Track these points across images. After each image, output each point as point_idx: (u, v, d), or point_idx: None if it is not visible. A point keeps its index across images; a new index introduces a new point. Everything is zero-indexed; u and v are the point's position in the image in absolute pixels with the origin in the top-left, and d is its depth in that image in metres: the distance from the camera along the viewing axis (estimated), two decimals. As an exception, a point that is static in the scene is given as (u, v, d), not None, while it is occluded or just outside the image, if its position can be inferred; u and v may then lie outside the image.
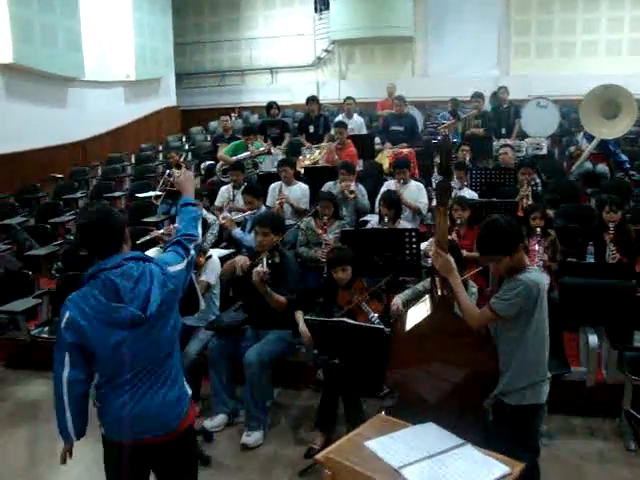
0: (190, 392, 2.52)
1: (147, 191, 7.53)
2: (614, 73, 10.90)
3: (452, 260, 2.84)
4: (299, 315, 4.05)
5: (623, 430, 3.92)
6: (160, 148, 11.28)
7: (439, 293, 2.97)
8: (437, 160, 6.63)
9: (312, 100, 8.85)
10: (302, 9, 14.29)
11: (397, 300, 4.01)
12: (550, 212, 5.39)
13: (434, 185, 6.23)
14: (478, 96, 8.60)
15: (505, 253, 2.70)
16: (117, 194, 8.20)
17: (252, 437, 3.88)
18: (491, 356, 2.83)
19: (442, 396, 2.88)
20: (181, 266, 2.44)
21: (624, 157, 7.50)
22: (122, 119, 11.78)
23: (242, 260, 4.11)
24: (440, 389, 2.89)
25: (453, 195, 5.73)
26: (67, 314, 2.27)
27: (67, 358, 2.29)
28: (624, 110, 6.97)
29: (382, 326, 3.51)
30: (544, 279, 2.77)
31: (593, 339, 3.84)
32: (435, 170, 6.19)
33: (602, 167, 7.31)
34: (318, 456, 2.42)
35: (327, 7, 13.80)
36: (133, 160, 10.63)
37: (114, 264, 2.28)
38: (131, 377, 2.33)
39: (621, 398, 3.93)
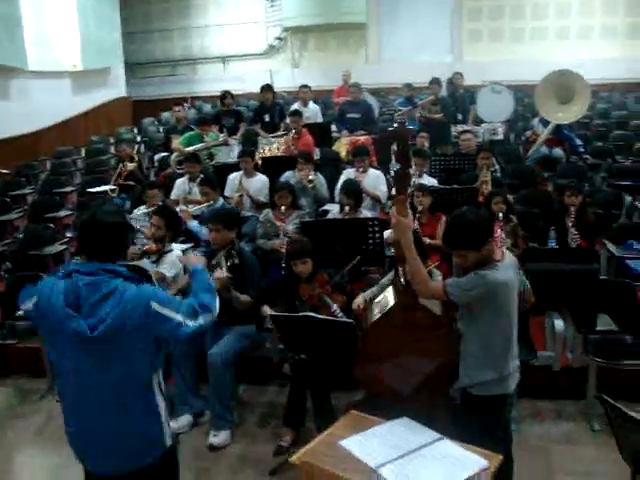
0: (168, 442, 2.31)
1: (100, 185, 7.28)
2: (563, 58, 11.07)
3: (409, 222, 2.75)
4: (266, 309, 3.93)
5: (588, 411, 3.98)
6: (111, 141, 10.90)
7: (402, 282, 2.91)
8: (394, 147, 6.56)
9: (266, 88, 8.72)
10: (254, -4, 14.03)
11: (359, 299, 3.79)
12: (510, 197, 5.41)
13: (392, 174, 6.18)
14: (435, 82, 8.58)
15: (472, 248, 2.63)
16: (68, 189, 7.89)
17: (219, 437, 3.77)
18: (455, 346, 2.81)
19: (413, 388, 2.85)
20: (177, 319, 2.20)
21: (578, 141, 7.61)
22: (70, 111, 11.32)
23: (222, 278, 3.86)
24: (411, 381, 2.85)
25: (412, 183, 5.70)
26: (34, 299, 2.21)
27: None
28: (578, 95, 7.06)
29: (349, 319, 3.43)
30: (511, 275, 2.71)
31: (559, 324, 3.87)
32: (393, 158, 6.14)
33: (558, 151, 7.39)
34: (292, 459, 2.33)
35: (279, -6, 13.61)
36: (83, 153, 10.26)
37: (89, 270, 2.16)
38: (74, 393, 2.21)
39: (585, 381, 3.98)
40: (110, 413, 2.16)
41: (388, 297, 3.07)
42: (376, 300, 3.20)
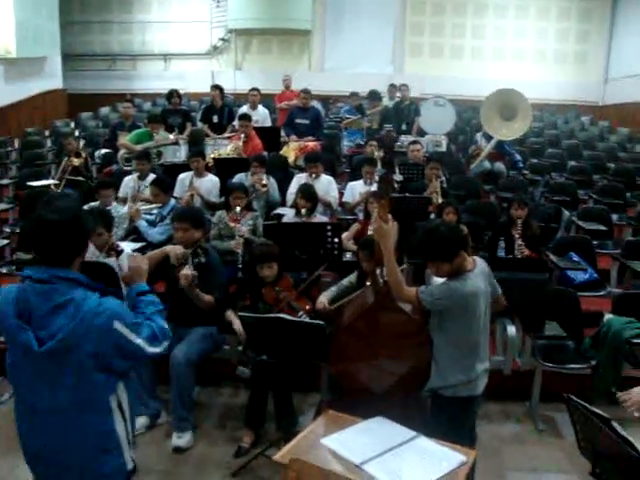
0: (128, 466, 2.13)
1: (39, 179, 7.00)
2: (499, 77, 11.61)
3: (391, 228, 2.85)
4: (231, 314, 3.93)
5: (534, 413, 4.22)
6: (47, 133, 10.49)
7: (381, 282, 3.01)
8: (380, 154, 6.80)
9: (216, 89, 8.66)
10: (199, -5, 13.85)
11: (322, 298, 3.89)
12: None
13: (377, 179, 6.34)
14: (376, 98, 8.85)
15: (445, 259, 2.79)
16: (5, 181, 7.53)
17: (183, 438, 3.75)
18: (429, 352, 2.94)
19: (386, 388, 2.95)
20: (137, 342, 2.03)
21: (518, 157, 8.01)
22: (1, 100, 10.79)
23: (177, 248, 3.85)
24: (385, 381, 2.95)
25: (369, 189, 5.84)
26: None
27: None
28: (520, 113, 7.45)
29: (320, 321, 3.48)
30: (480, 284, 2.86)
31: (512, 329, 4.08)
32: (379, 164, 6.41)
33: (499, 165, 7.76)
34: (277, 457, 2.37)
35: (225, -5, 13.51)
36: (17, 145, 9.81)
37: (41, 277, 1.95)
38: (25, 412, 2.05)
39: (531, 383, 4.22)
40: (62, 439, 2.00)
41: (366, 297, 3.16)
42: (351, 301, 3.29)
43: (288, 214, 5.73)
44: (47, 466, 2.08)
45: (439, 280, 2.95)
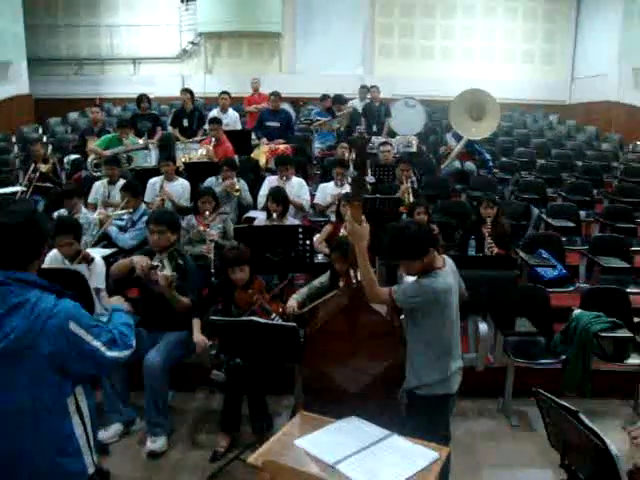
0: (88, 470, 2.10)
1: (6, 186, 6.88)
2: (468, 77, 11.75)
3: (364, 230, 2.82)
4: (196, 323, 3.93)
5: (507, 409, 4.27)
6: (14, 140, 10.31)
7: (355, 282, 3.03)
8: (352, 156, 6.78)
9: (185, 92, 8.61)
10: (167, -2, 13.76)
11: (292, 302, 3.93)
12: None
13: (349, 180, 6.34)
14: (342, 102, 8.90)
15: (414, 258, 2.81)
16: (-30, 189, 7.36)
17: (158, 443, 3.72)
18: (404, 352, 2.96)
19: (362, 388, 2.96)
20: (95, 345, 2.02)
21: (488, 156, 8.10)
22: (-35, 106, 10.61)
23: (143, 260, 3.86)
24: (360, 381, 2.96)
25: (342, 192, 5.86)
26: None
27: None
28: (489, 113, 7.55)
29: (292, 323, 3.48)
30: (450, 281, 2.88)
31: (484, 327, 4.12)
32: (351, 166, 6.41)
33: (470, 165, 7.85)
34: (251, 460, 2.36)
35: (194, -2, 13.44)
36: (-18, 152, 9.61)
37: None
38: None
39: (503, 380, 4.27)
40: (18, 441, 1.97)
41: (340, 298, 3.17)
42: (324, 303, 3.29)
43: (259, 217, 5.72)
44: (4, 469, 2.04)
45: (411, 279, 2.97)
